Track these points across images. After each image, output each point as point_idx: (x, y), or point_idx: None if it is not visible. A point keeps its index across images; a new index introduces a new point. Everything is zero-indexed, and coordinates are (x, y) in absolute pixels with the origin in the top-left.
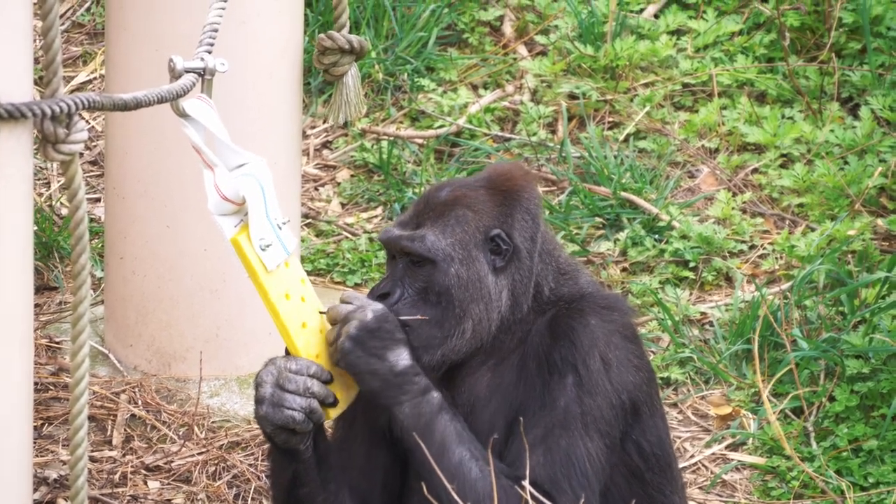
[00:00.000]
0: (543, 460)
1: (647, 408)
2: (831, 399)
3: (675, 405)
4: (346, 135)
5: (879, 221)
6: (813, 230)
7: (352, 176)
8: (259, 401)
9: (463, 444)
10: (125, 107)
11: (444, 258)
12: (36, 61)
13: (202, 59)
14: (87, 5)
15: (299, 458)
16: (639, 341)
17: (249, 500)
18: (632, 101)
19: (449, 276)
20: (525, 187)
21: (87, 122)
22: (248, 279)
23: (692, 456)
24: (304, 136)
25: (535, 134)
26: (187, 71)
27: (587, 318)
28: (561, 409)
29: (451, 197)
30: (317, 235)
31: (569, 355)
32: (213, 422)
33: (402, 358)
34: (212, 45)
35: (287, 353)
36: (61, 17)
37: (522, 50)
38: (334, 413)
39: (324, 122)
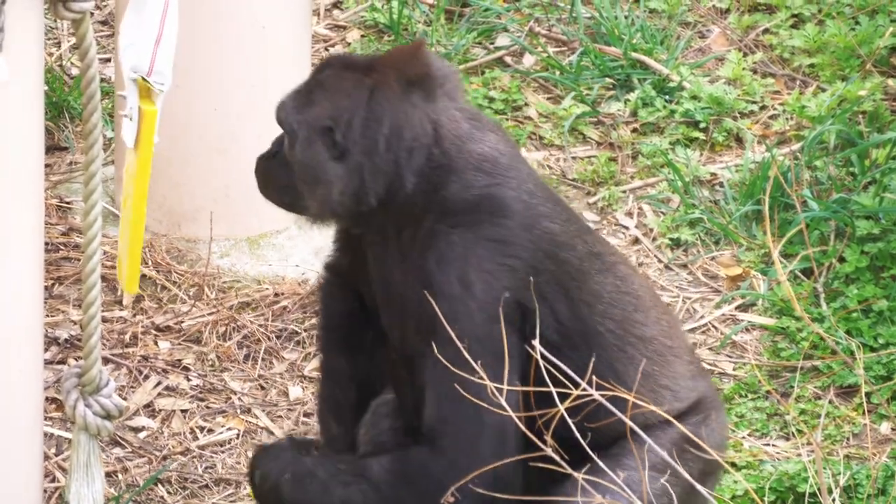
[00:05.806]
0: (434, 405)
1: (552, 290)
2: (841, 260)
3: (684, 266)
4: None
5: (890, 82)
6: (824, 90)
7: (362, 36)
8: None
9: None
10: None
11: (292, 132)
12: None
13: None
14: None
15: None
16: (514, 237)
17: (259, 360)
18: None
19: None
20: (403, 76)
21: None
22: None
23: (702, 317)
24: None
25: None
26: None
27: (451, 231)
28: (444, 337)
29: (323, 77)
30: None
31: (434, 278)
32: (223, 282)
33: None
34: None
35: None
36: None
37: None
38: None
39: None
